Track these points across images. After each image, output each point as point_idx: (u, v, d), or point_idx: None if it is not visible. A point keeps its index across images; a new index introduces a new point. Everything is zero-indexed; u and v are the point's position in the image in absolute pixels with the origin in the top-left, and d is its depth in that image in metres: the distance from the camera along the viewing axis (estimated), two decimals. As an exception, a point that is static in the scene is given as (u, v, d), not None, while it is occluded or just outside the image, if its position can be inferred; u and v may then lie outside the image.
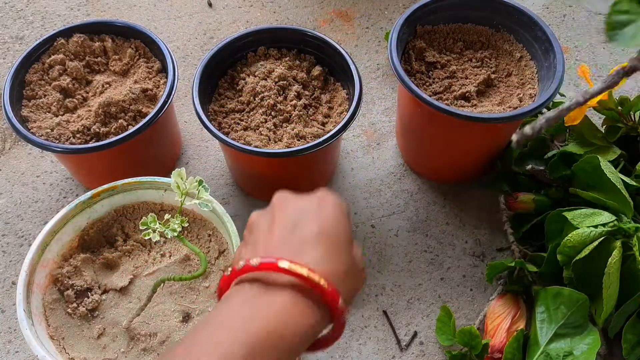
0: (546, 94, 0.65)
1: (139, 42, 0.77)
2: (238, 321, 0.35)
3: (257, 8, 0.99)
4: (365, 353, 0.67)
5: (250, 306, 0.36)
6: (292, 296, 0.36)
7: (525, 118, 0.68)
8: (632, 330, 0.63)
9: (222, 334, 0.34)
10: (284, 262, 0.37)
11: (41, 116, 0.71)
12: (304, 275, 0.36)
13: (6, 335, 0.68)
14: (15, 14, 0.98)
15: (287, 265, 0.36)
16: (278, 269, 0.37)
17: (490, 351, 0.64)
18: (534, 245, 0.72)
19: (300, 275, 0.36)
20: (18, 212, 0.77)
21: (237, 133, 0.70)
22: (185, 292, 0.63)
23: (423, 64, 0.75)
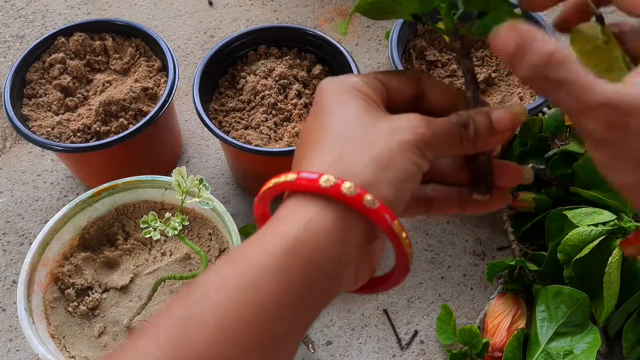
0: (547, 92, 0.65)
1: (140, 40, 0.77)
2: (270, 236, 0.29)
3: (258, 7, 0.99)
4: (366, 352, 0.67)
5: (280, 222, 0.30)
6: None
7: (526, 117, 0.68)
8: (633, 329, 0.63)
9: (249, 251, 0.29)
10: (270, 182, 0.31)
11: (42, 115, 0.71)
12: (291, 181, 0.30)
13: (7, 333, 0.68)
14: (16, 12, 0.98)
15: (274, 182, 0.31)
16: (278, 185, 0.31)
17: (490, 350, 0.64)
18: (535, 244, 0.72)
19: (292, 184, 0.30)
20: (19, 211, 0.77)
21: (237, 132, 0.70)
22: (186, 290, 0.63)
23: (424, 62, 0.75)
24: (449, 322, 0.66)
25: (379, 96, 0.34)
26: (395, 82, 0.35)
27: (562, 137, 0.76)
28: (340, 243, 0.29)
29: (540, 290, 0.66)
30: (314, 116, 0.33)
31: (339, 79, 0.34)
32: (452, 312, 0.66)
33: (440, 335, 0.66)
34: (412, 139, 0.31)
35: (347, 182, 0.29)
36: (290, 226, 0.29)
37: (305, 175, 0.29)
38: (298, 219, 0.29)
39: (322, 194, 0.29)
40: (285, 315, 0.28)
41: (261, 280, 0.28)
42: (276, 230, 0.29)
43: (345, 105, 0.32)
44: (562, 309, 0.64)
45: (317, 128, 0.32)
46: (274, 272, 0.28)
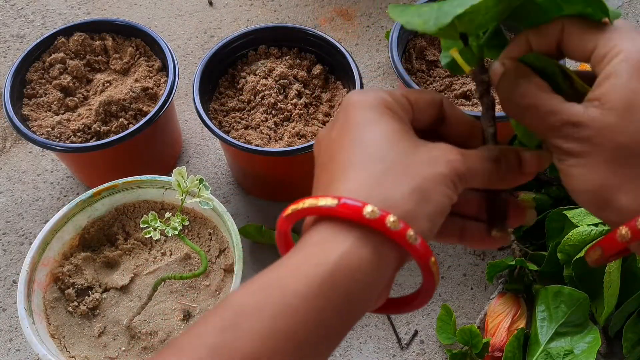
0: (547, 92, 0.65)
1: (140, 40, 0.77)
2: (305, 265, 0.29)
3: (258, 7, 0.99)
4: (366, 352, 0.67)
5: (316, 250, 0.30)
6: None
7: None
8: (633, 329, 0.63)
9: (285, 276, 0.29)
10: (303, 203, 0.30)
11: (42, 115, 0.71)
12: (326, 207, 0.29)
13: (7, 333, 0.68)
14: (16, 12, 0.98)
15: (309, 204, 0.30)
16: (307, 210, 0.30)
17: (490, 350, 0.64)
18: (535, 244, 0.72)
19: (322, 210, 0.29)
20: (19, 211, 0.77)
21: (237, 132, 0.70)
22: (186, 290, 0.63)
23: (424, 62, 0.74)
24: (449, 322, 0.66)
25: (406, 116, 0.33)
26: (422, 102, 0.34)
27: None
28: (377, 273, 0.29)
29: (540, 290, 0.66)
30: (342, 131, 0.32)
31: (366, 93, 0.33)
32: (452, 312, 0.66)
33: (440, 335, 0.66)
34: (448, 173, 0.31)
35: (391, 216, 0.29)
36: (327, 255, 0.29)
37: (349, 202, 0.29)
38: (336, 247, 0.29)
39: (363, 224, 0.29)
40: (319, 341, 0.28)
41: (296, 309, 0.28)
42: (312, 257, 0.29)
43: (380, 124, 0.31)
44: (562, 309, 0.64)
45: (349, 145, 0.31)
46: (310, 300, 0.28)
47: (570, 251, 0.63)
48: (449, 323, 0.66)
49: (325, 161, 0.33)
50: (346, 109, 0.33)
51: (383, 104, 0.32)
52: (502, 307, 0.67)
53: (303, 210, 0.30)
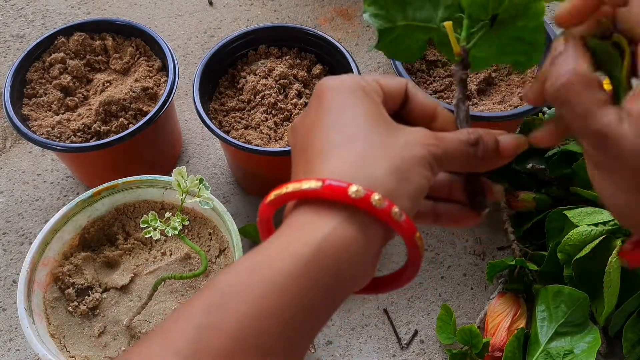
0: (547, 92, 0.65)
1: (140, 40, 0.77)
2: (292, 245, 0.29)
3: (258, 6, 0.99)
4: (366, 351, 0.67)
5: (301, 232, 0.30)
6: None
7: (526, 117, 0.68)
8: (633, 328, 0.63)
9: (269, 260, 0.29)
10: (287, 187, 0.31)
11: (42, 115, 0.71)
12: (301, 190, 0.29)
13: (7, 333, 0.68)
14: (16, 12, 0.98)
15: (292, 188, 0.30)
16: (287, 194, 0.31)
17: (490, 350, 0.64)
18: (535, 244, 0.72)
19: (302, 192, 0.30)
20: (19, 211, 0.78)
21: (237, 132, 0.70)
22: (186, 290, 0.63)
23: (424, 62, 0.74)
24: (449, 322, 0.66)
25: (379, 100, 0.34)
26: (391, 87, 0.35)
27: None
28: (362, 251, 0.30)
29: (540, 290, 0.66)
30: (320, 114, 0.32)
31: (341, 78, 0.33)
32: (452, 311, 0.66)
33: (440, 335, 0.66)
34: (425, 155, 0.31)
35: (375, 194, 0.29)
36: (314, 235, 0.29)
37: (333, 183, 0.29)
38: (322, 227, 0.29)
39: (349, 204, 0.29)
40: (304, 321, 0.28)
41: (283, 288, 0.28)
42: (299, 237, 0.29)
43: (359, 106, 0.32)
44: (562, 309, 0.64)
45: (328, 127, 0.32)
46: (297, 279, 0.28)
47: (570, 251, 0.63)
48: (449, 323, 0.66)
49: (303, 145, 0.33)
50: (322, 93, 0.33)
51: (360, 88, 0.33)
52: (502, 307, 0.67)
53: (287, 195, 0.30)
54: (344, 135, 0.31)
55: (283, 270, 0.28)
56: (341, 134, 0.31)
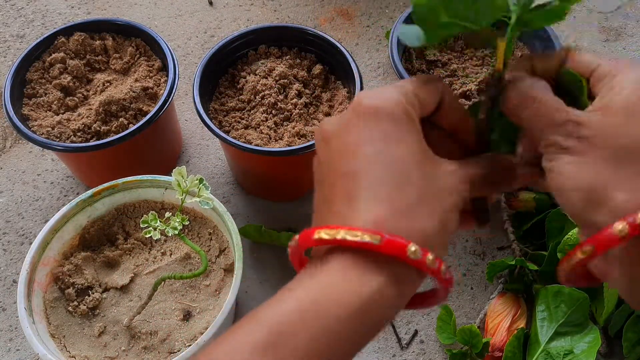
0: (547, 92, 0.65)
1: (140, 40, 0.77)
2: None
3: (258, 6, 0.99)
4: (366, 351, 0.67)
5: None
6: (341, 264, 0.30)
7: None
8: (633, 328, 0.63)
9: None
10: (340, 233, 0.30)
11: (42, 114, 0.71)
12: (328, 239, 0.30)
13: (7, 333, 0.68)
14: (16, 12, 0.98)
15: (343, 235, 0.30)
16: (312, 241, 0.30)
17: (490, 350, 0.64)
18: (535, 243, 0.72)
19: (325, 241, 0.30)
20: (19, 211, 0.78)
21: (237, 131, 0.70)
22: (186, 290, 0.63)
23: (424, 62, 0.74)
24: (449, 322, 0.66)
25: (418, 116, 0.33)
26: (427, 96, 0.34)
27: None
28: (405, 300, 0.32)
29: (540, 289, 0.66)
30: (360, 138, 0.31)
31: (383, 95, 0.32)
32: (452, 311, 0.66)
33: (440, 335, 0.66)
34: (459, 201, 0.32)
35: (430, 254, 0.30)
36: (365, 285, 0.29)
37: (394, 240, 0.29)
38: (371, 282, 0.30)
39: (404, 262, 0.30)
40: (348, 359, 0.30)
41: (336, 333, 0.29)
42: (348, 284, 0.29)
43: (404, 139, 0.31)
44: (562, 309, 0.64)
45: (373, 159, 0.31)
46: (348, 326, 0.29)
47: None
48: (449, 323, 0.66)
49: (339, 168, 0.32)
50: (365, 113, 0.32)
51: (404, 111, 0.32)
52: (502, 307, 0.67)
53: (341, 240, 0.29)
54: (392, 174, 0.30)
55: (337, 317, 0.29)
56: (388, 173, 0.30)
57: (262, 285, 0.71)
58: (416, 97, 0.33)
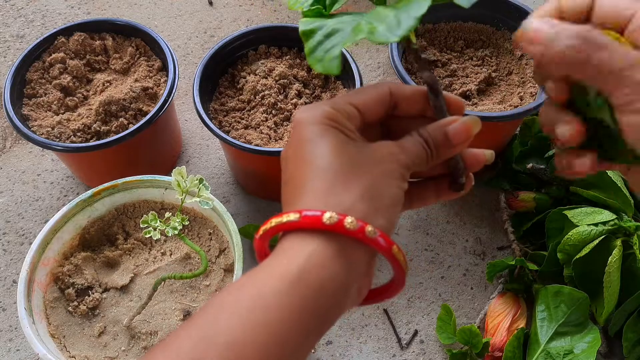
0: (547, 92, 0.65)
1: (140, 40, 0.77)
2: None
3: (258, 6, 0.99)
4: (366, 351, 0.67)
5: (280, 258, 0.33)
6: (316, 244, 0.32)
7: (526, 117, 0.68)
8: (633, 328, 0.63)
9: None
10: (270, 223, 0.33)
11: (42, 115, 0.71)
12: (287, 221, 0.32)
13: (7, 333, 0.68)
14: (16, 12, 0.98)
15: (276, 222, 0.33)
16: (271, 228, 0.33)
17: (490, 350, 0.64)
18: (535, 243, 0.72)
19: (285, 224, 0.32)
20: (19, 211, 0.78)
21: (237, 132, 0.70)
22: (186, 290, 0.63)
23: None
24: (449, 322, 0.66)
25: (353, 122, 0.35)
26: (370, 103, 0.36)
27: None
28: (345, 271, 0.32)
29: (540, 289, 0.66)
30: (295, 149, 0.35)
31: (311, 108, 0.35)
32: (452, 311, 0.66)
33: (440, 335, 0.66)
34: (395, 167, 0.34)
35: (348, 217, 0.31)
36: (296, 257, 0.31)
37: (309, 214, 0.31)
38: (303, 250, 0.31)
39: (324, 230, 0.31)
40: (293, 337, 0.30)
41: (272, 304, 0.30)
42: (282, 261, 0.31)
43: (324, 138, 0.34)
44: (562, 309, 0.64)
45: (301, 161, 0.34)
46: (285, 296, 0.30)
47: (571, 251, 0.63)
48: (449, 323, 0.66)
49: (287, 179, 0.35)
50: (295, 127, 0.36)
51: (327, 118, 0.34)
52: (502, 307, 0.67)
53: (272, 229, 0.33)
54: (315, 167, 0.33)
55: (271, 288, 0.30)
56: (312, 167, 0.33)
57: (262, 285, 0.71)
58: (351, 106, 0.35)
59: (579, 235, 0.62)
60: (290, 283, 0.30)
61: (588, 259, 0.62)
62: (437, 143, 0.36)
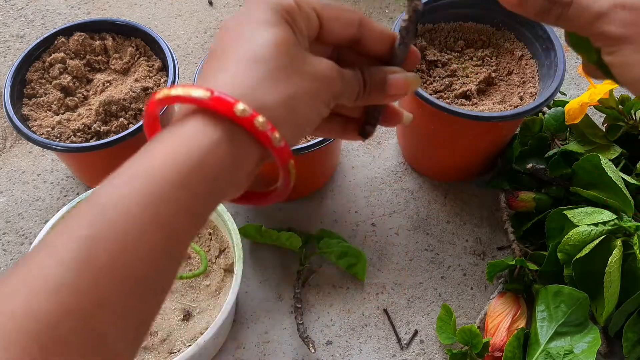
0: (547, 92, 0.65)
1: (140, 40, 0.77)
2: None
3: (258, 6, 0.99)
4: (366, 351, 0.67)
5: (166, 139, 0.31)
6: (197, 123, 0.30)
7: (526, 117, 0.68)
8: (633, 328, 0.63)
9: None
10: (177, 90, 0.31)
11: (42, 115, 0.71)
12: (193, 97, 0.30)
13: (7, 333, 0.68)
14: (16, 12, 0.98)
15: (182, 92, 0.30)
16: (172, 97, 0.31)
17: (490, 350, 0.64)
18: (535, 243, 0.72)
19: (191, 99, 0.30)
20: (19, 211, 0.78)
21: (237, 131, 0.70)
22: (186, 290, 0.63)
23: (424, 62, 0.74)
24: (449, 322, 0.66)
25: (307, 28, 0.33)
26: (334, 22, 0.35)
27: (562, 137, 0.76)
28: (239, 168, 0.31)
29: (540, 289, 0.66)
30: (238, 24, 0.32)
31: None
32: (452, 311, 0.66)
33: (440, 335, 0.66)
34: (325, 90, 0.33)
35: (260, 117, 0.29)
36: (197, 146, 0.29)
37: (222, 97, 0.29)
38: (206, 140, 0.29)
39: (233, 120, 0.29)
40: (185, 229, 0.29)
41: (165, 196, 0.28)
42: (180, 146, 0.29)
43: (274, 28, 0.32)
44: (562, 309, 0.64)
45: (239, 40, 0.32)
46: (179, 188, 0.28)
47: (571, 251, 0.63)
48: (449, 323, 0.66)
49: (215, 48, 0.33)
50: (248, 3, 0.33)
51: (284, 9, 0.32)
52: (502, 307, 0.67)
53: (176, 97, 0.31)
54: (250, 54, 0.31)
55: (164, 179, 0.28)
56: (247, 52, 0.31)
57: (262, 285, 0.71)
58: (314, 12, 0.34)
59: (579, 235, 0.62)
60: (187, 176, 0.28)
61: (588, 259, 0.62)
62: (373, 86, 0.35)
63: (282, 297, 0.70)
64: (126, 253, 0.26)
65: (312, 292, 0.71)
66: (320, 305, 0.70)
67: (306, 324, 0.69)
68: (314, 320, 0.69)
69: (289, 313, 0.69)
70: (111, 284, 0.26)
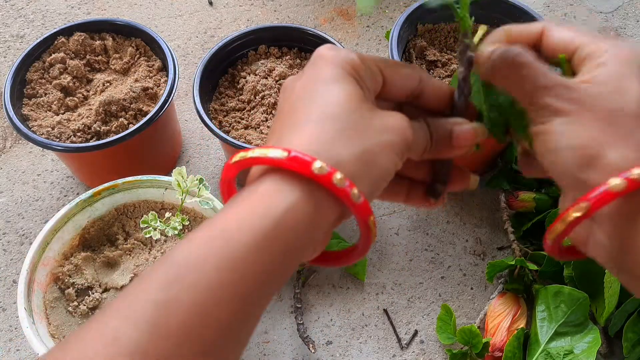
0: (547, 92, 0.65)
1: (140, 40, 0.77)
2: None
3: (258, 6, 0.99)
4: (366, 351, 0.67)
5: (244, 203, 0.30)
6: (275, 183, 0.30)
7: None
8: (633, 328, 0.63)
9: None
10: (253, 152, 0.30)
11: (42, 115, 0.71)
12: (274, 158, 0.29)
13: (7, 333, 0.68)
14: (16, 12, 0.98)
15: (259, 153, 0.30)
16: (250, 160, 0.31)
17: (490, 350, 0.64)
18: (535, 243, 0.72)
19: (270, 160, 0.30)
20: (19, 211, 0.78)
21: (237, 132, 0.70)
22: (186, 290, 0.63)
23: (424, 62, 0.74)
24: (449, 322, 0.66)
25: (372, 84, 0.34)
26: (396, 77, 0.35)
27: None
28: (318, 227, 0.30)
29: (540, 289, 0.66)
30: (305, 83, 0.33)
31: (338, 49, 0.34)
32: (452, 311, 0.66)
33: (440, 335, 0.66)
34: (399, 141, 0.32)
35: (338, 173, 0.29)
36: (273, 207, 0.29)
37: (299, 156, 0.29)
38: (282, 201, 0.29)
39: (311, 179, 0.29)
40: (260, 293, 0.29)
41: (240, 259, 0.28)
42: (257, 208, 0.29)
43: (342, 84, 0.32)
44: (562, 309, 0.64)
45: (309, 99, 0.32)
46: (254, 252, 0.28)
47: (570, 251, 0.63)
48: (449, 323, 0.66)
49: (285, 110, 0.33)
50: (314, 61, 0.33)
51: (350, 66, 0.33)
52: (502, 307, 0.67)
53: (252, 159, 0.30)
54: (321, 111, 0.31)
55: (241, 243, 0.28)
56: (319, 110, 0.31)
57: (262, 286, 0.71)
58: (377, 69, 0.34)
59: (579, 236, 0.62)
60: (263, 238, 0.28)
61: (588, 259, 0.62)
62: (440, 138, 0.35)
63: (282, 297, 0.70)
64: (199, 316, 0.27)
65: (312, 292, 0.71)
66: (320, 305, 0.70)
67: (306, 324, 0.69)
68: (314, 320, 0.69)
69: (289, 313, 0.69)
70: (184, 349, 0.26)
